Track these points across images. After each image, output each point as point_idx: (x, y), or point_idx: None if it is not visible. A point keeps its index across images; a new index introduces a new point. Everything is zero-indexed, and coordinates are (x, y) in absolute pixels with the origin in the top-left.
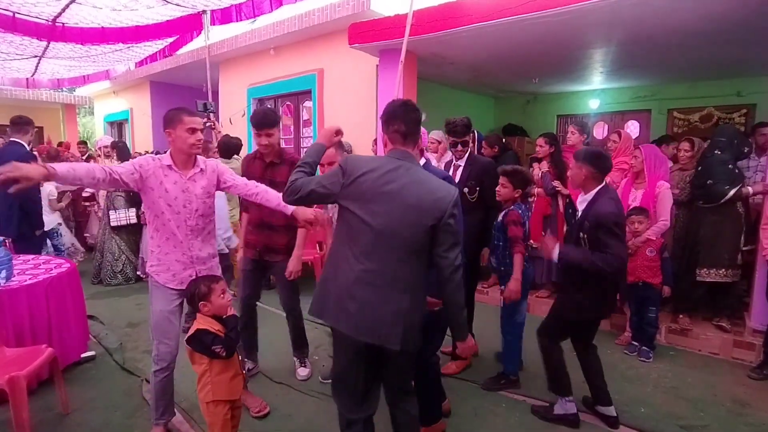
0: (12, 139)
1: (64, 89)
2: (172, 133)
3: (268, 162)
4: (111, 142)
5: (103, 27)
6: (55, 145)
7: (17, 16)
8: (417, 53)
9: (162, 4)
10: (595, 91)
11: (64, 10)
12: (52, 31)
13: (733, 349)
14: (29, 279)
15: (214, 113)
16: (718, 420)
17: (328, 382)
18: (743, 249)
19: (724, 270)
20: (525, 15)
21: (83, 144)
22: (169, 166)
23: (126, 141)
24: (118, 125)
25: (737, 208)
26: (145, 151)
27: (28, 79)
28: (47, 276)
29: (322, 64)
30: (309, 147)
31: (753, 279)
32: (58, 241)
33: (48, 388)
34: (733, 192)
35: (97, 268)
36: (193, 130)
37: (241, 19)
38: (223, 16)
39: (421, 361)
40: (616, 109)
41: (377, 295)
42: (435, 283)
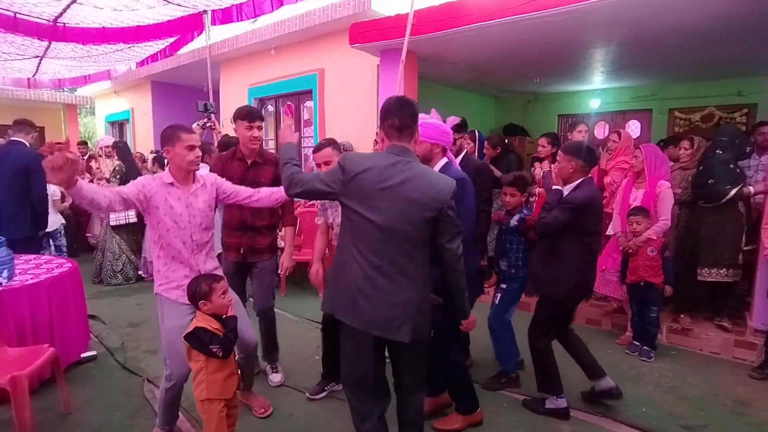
0: (13, 138)
1: (65, 89)
2: (170, 150)
3: (251, 162)
4: (112, 142)
5: (104, 27)
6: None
7: (18, 16)
8: (418, 53)
9: (163, 4)
10: (596, 90)
11: (65, 11)
12: (53, 32)
13: (734, 349)
14: (31, 279)
15: (214, 114)
16: (719, 420)
17: (316, 398)
18: (744, 248)
19: (725, 270)
20: (525, 15)
21: (83, 144)
22: (170, 184)
23: (127, 141)
24: (119, 125)
25: (738, 207)
26: (150, 151)
27: (29, 79)
28: (49, 276)
29: (323, 63)
30: (282, 149)
31: (754, 278)
32: (61, 242)
33: (49, 387)
34: (734, 191)
35: (98, 268)
36: (191, 147)
37: (241, 19)
38: (224, 16)
39: (446, 360)
40: (617, 109)
41: (385, 289)
42: (434, 280)
